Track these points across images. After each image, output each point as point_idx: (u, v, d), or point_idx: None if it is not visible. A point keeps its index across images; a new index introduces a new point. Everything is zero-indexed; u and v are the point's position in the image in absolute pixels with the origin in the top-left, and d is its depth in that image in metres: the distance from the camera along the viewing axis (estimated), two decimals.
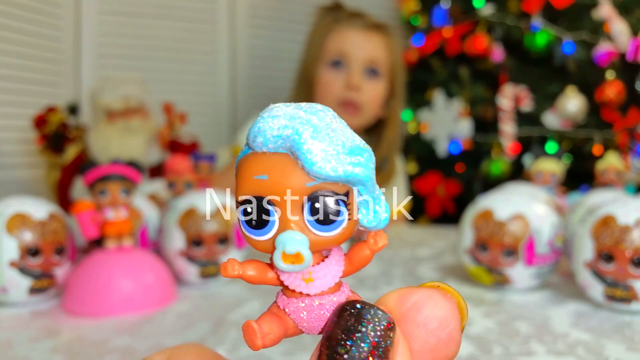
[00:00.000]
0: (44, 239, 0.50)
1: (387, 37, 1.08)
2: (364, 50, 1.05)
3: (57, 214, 0.53)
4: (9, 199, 0.51)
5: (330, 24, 1.07)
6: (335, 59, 1.05)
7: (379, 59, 1.06)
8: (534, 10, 1.40)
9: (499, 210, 0.55)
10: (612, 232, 0.47)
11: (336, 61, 1.05)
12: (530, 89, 1.47)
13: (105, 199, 0.53)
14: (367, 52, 1.05)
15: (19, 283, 0.49)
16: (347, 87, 1.03)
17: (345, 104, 1.04)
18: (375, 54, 1.05)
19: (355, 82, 1.03)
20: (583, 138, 1.37)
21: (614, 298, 0.48)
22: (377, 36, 1.07)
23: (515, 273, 0.54)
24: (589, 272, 0.49)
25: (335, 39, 1.06)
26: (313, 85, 1.08)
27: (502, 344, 0.41)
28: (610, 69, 1.34)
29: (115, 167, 0.53)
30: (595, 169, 0.82)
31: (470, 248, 0.57)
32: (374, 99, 1.06)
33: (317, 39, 1.08)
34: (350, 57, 1.04)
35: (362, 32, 1.06)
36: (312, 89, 1.08)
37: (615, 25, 1.34)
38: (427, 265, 0.69)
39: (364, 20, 1.07)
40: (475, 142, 1.49)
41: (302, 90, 1.10)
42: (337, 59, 1.05)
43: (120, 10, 1.71)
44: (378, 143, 1.12)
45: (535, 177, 0.82)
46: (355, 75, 1.03)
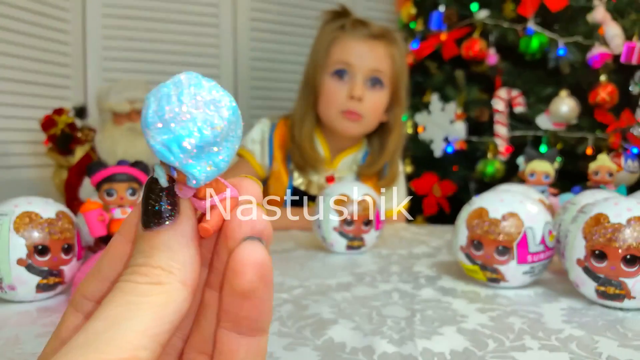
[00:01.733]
0: (51, 237, 0.50)
1: (391, 45, 1.07)
2: (367, 60, 1.04)
3: (65, 212, 0.53)
4: (18, 199, 0.51)
5: (336, 31, 1.07)
6: (339, 68, 1.05)
7: (382, 69, 1.05)
8: (528, 14, 1.40)
9: (493, 209, 0.55)
10: (605, 230, 0.47)
11: (340, 70, 1.05)
12: (524, 91, 1.47)
13: (112, 199, 0.53)
14: (370, 62, 1.04)
15: (27, 280, 0.49)
16: (350, 97, 1.03)
17: (347, 113, 1.04)
18: (378, 64, 1.05)
19: (357, 94, 1.02)
20: (576, 139, 1.37)
21: (606, 295, 0.48)
22: (381, 45, 1.06)
23: (508, 270, 0.54)
24: (581, 269, 0.49)
25: (339, 49, 1.05)
26: (317, 91, 1.07)
27: (497, 339, 0.41)
28: (604, 71, 1.34)
29: (121, 168, 0.53)
30: (588, 170, 0.82)
31: (465, 246, 0.57)
32: (375, 108, 1.06)
33: (322, 47, 1.07)
34: (353, 67, 1.04)
35: (366, 42, 1.05)
36: (317, 96, 1.08)
37: (609, 28, 1.34)
38: (423, 263, 0.69)
39: (369, 29, 1.06)
40: (470, 144, 1.49)
41: (307, 96, 1.09)
42: (341, 68, 1.05)
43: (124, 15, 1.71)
44: (380, 148, 1.13)
45: (529, 177, 0.82)
46: (358, 87, 1.03)
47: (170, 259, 0.18)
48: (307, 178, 1.10)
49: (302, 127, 1.08)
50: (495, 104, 1.46)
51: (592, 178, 0.81)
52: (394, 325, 0.44)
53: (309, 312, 0.48)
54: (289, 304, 0.50)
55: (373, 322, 0.45)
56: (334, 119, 1.06)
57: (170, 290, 0.17)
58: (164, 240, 0.18)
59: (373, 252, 0.77)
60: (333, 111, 1.05)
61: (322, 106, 1.07)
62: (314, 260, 0.71)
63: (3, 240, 0.48)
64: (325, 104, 1.07)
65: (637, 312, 0.48)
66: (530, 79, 1.46)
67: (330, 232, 0.73)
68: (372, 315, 0.47)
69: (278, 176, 1.10)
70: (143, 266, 0.18)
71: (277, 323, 0.44)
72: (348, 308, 0.49)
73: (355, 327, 0.44)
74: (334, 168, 1.11)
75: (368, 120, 1.07)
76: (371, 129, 1.10)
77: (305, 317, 0.46)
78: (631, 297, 0.47)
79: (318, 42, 1.09)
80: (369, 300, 0.52)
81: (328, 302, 0.51)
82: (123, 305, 0.17)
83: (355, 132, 1.08)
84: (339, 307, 0.49)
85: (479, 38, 1.47)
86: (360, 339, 0.41)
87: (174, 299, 0.17)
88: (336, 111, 1.05)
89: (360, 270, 0.65)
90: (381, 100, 1.07)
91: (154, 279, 0.17)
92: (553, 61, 1.37)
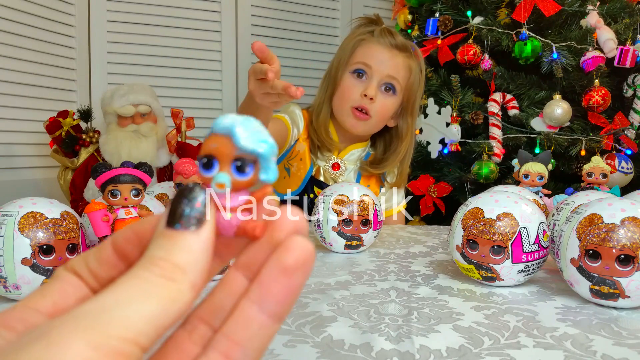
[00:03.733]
0: (56, 237, 0.50)
1: (410, 58, 1.13)
2: (385, 66, 1.09)
3: (70, 213, 0.53)
4: (22, 199, 0.51)
5: (364, 34, 1.13)
6: (359, 68, 1.10)
7: (398, 77, 1.11)
8: (522, 19, 1.40)
9: (489, 209, 0.55)
10: (599, 230, 0.47)
11: (359, 70, 1.10)
12: (518, 95, 1.46)
13: (117, 200, 0.53)
14: (388, 68, 1.10)
15: (32, 280, 0.49)
16: (363, 96, 1.08)
17: (357, 110, 1.10)
18: (395, 72, 1.10)
19: (370, 93, 1.08)
20: (570, 141, 1.36)
21: (600, 294, 0.48)
22: (401, 56, 1.11)
23: (503, 269, 0.54)
24: (575, 269, 0.49)
25: (363, 50, 1.11)
26: (336, 85, 1.13)
27: (492, 336, 0.41)
28: (597, 75, 1.33)
29: (125, 169, 0.53)
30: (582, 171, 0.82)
31: (461, 245, 0.57)
32: (384, 111, 1.12)
33: (349, 46, 1.13)
34: (372, 70, 1.09)
35: (388, 50, 1.10)
36: (334, 89, 1.14)
37: (602, 32, 1.34)
38: (420, 262, 0.69)
39: (394, 39, 1.11)
40: (465, 146, 1.49)
41: (327, 87, 1.15)
42: (361, 68, 1.10)
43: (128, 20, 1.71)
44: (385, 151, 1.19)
45: (523, 178, 0.82)
46: (372, 87, 1.08)
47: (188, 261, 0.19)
48: (316, 164, 1.16)
49: (319, 114, 1.15)
50: (489, 107, 1.46)
51: (586, 179, 0.80)
52: (392, 322, 0.44)
53: (309, 310, 0.47)
54: None
55: (371, 319, 0.45)
56: (344, 113, 1.12)
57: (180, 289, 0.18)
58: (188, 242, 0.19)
59: (371, 252, 0.76)
60: (345, 106, 1.11)
61: (337, 99, 1.13)
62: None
63: (8, 240, 0.48)
64: (340, 97, 1.12)
65: (631, 311, 0.48)
66: (524, 83, 1.46)
67: (330, 231, 0.73)
68: (370, 313, 0.47)
69: (303, 156, 1.16)
70: (162, 260, 0.18)
71: None
72: (347, 306, 0.49)
73: (353, 325, 0.43)
74: (341, 157, 1.17)
75: (374, 120, 1.12)
76: (375, 130, 1.15)
77: (305, 315, 0.46)
78: (625, 296, 0.46)
79: (347, 41, 1.16)
80: (367, 298, 0.52)
81: (327, 300, 0.51)
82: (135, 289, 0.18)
83: (360, 130, 1.13)
84: (338, 305, 0.49)
85: (473, 43, 1.47)
86: (358, 336, 0.41)
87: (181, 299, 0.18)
88: (348, 106, 1.11)
89: (358, 269, 0.65)
90: (391, 105, 1.12)
91: (168, 274, 0.18)
92: (547, 65, 1.37)
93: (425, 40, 1.66)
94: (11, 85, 1.45)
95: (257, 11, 1.89)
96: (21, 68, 1.47)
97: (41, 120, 1.44)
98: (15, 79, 1.45)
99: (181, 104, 1.72)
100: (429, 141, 1.56)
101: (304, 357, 0.37)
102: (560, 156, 1.39)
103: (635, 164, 1.35)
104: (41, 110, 1.51)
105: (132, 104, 1.36)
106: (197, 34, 1.80)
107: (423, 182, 1.54)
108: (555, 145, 1.36)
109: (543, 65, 1.38)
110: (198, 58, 1.80)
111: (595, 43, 1.35)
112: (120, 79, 1.66)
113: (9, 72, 1.44)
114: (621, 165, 1.28)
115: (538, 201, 0.72)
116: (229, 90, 1.86)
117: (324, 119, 1.14)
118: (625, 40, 1.36)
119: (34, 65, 1.50)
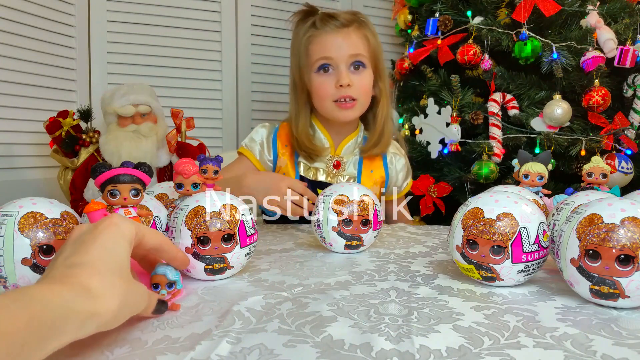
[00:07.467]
0: (56, 237, 0.50)
1: (362, 28, 1.11)
2: (344, 49, 1.08)
3: (70, 213, 0.53)
4: (22, 199, 0.51)
5: (309, 30, 1.11)
6: (322, 64, 1.09)
7: (361, 52, 1.09)
8: (522, 19, 1.40)
9: (488, 209, 0.55)
10: (599, 230, 0.47)
11: (323, 65, 1.09)
12: (518, 95, 1.46)
13: (116, 200, 0.53)
14: (348, 49, 1.08)
15: (31, 280, 0.49)
16: (339, 86, 1.07)
17: (341, 102, 1.09)
18: (356, 49, 1.09)
19: (344, 82, 1.07)
20: (570, 140, 1.36)
21: (600, 294, 0.48)
22: (353, 31, 1.10)
23: (503, 269, 0.54)
24: (575, 269, 0.49)
25: (317, 46, 1.10)
26: (308, 90, 1.12)
27: (492, 336, 0.41)
28: (597, 75, 1.33)
29: (125, 169, 0.53)
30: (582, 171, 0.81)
31: (461, 245, 0.57)
32: (365, 87, 1.11)
33: (301, 48, 1.12)
34: (335, 59, 1.08)
35: (340, 33, 1.09)
36: (308, 94, 1.13)
37: (602, 32, 1.34)
38: (420, 262, 0.69)
39: (338, 19, 1.09)
40: (465, 146, 1.49)
41: (298, 96, 1.15)
42: (324, 63, 1.09)
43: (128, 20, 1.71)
44: (373, 121, 1.18)
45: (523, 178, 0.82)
46: (344, 75, 1.07)
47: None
48: (313, 167, 1.15)
49: (297, 124, 1.13)
50: (489, 107, 1.46)
51: (586, 179, 0.80)
52: (392, 322, 0.44)
53: (309, 310, 0.47)
54: (289, 302, 0.50)
55: (371, 319, 0.45)
56: (330, 110, 1.11)
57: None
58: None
59: (371, 252, 0.76)
60: (327, 103, 1.10)
61: (316, 101, 1.12)
62: (314, 259, 0.71)
63: (8, 240, 0.48)
64: (318, 98, 1.11)
65: (631, 311, 0.48)
66: (524, 83, 1.46)
67: (330, 231, 0.73)
68: (370, 313, 0.47)
69: (286, 170, 1.15)
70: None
71: (277, 320, 0.44)
72: (347, 306, 0.49)
73: (353, 325, 0.43)
74: (339, 154, 1.16)
75: (361, 101, 1.11)
76: (365, 108, 1.14)
77: (305, 315, 0.46)
78: (625, 296, 0.46)
79: (295, 44, 1.14)
80: (367, 298, 0.52)
81: (327, 300, 0.51)
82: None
83: (352, 116, 1.12)
84: (338, 305, 0.49)
85: (473, 43, 1.47)
86: (358, 336, 0.41)
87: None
88: (329, 102, 1.10)
89: (358, 269, 0.65)
90: (367, 79, 1.12)
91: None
92: (546, 65, 1.37)
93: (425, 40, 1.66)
94: (11, 85, 1.45)
95: (257, 11, 1.89)
96: (21, 68, 1.47)
97: (41, 120, 1.43)
98: (15, 79, 1.45)
99: (181, 104, 1.72)
100: (429, 141, 1.56)
101: (304, 357, 0.37)
102: (560, 156, 1.39)
103: (635, 164, 1.35)
104: (41, 110, 1.51)
105: (132, 104, 1.36)
106: (197, 34, 1.80)
107: (423, 182, 1.54)
108: (555, 145, 1.36)
109: (543, 65, 1.38)
110: (198, 58, 1.80)
111: (595, 43, 1.35)
112: (120, 79, 1.66)
113: (9, 72, 1.44)
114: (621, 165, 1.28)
115: (538, 201, 0.72)
116: (229, 90, 1.86)
117: (304, 126, 1.13)
118: (625, 40, 1.36)
119: (34, 65, 1.50)
